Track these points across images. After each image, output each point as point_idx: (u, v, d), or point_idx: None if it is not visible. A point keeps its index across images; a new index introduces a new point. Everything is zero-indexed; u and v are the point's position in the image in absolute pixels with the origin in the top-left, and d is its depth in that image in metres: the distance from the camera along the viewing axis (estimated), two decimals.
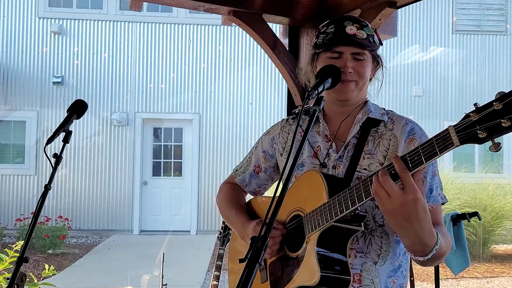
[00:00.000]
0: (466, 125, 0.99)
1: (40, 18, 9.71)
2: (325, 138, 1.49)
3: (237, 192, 1.72)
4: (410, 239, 1.17)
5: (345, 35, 1.39)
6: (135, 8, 2.80)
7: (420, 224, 1.13)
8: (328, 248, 1.29)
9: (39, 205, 1.52)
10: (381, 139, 1.43)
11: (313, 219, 1.30)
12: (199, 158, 9.75)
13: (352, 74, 1.41)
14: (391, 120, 1.46)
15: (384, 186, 1.11)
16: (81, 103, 1.71)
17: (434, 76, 10.24)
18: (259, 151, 1.67)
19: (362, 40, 1.39)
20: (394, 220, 1.14)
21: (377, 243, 1.39)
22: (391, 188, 1.11)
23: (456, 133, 1.00)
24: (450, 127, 1.01)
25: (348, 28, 1.40)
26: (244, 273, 0.98)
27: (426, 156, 1.07)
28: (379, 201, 1.14)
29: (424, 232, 1.15)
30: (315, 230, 1.29)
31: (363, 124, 1.45)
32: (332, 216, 1.25)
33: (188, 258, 7.48)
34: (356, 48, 1.40)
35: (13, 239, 8.44)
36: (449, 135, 1.01)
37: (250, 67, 9.93)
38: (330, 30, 1.42)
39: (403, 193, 1.10)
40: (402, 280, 1.46)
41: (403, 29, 10.08)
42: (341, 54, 1.40)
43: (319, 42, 1.44)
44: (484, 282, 6.70)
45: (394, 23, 2.58)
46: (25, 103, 9.60)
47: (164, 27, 9.86)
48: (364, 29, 1.41)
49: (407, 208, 1.11)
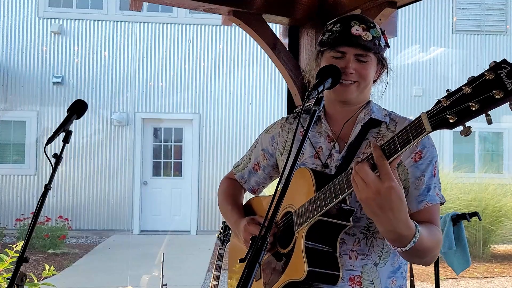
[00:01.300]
0: (437, 110, 1.00)
1: (40, 18, 9.71)
2: (327, 139, 1.48)
3: (235, 189, 1.74)
4: (385, 228, 1.15)
5: (349, 35, 1.37)
6: (135, 8, 2.80)
7: (393, 213, 1.11)
8: (316, 243, 1.29)
9: (39, 205, 1.52)
10: (382, 140, 1.42)
11: (301, 214, 1.31)
12: (199, 158, 9.75)
13: (353, 75, 1.39)
14: (394, 121, 1.46)
15: (360, 173, 1.11)
16: (81, 103, 1.71)
17: (434, 76, 10.24)
18: (259, 149, 1.67)
19: (366, 42, 1.37)
20: (369, 208, 1.13)
21: (379, 245, 1.38)
22: (367, 176, 1.10)
23: (428, 119, 1.01)
24: (423, 114, 1.03)
25: (354, 28, 1.38)
26: (244, 273, 0.98)
27: (401, 144, 1.07)
28: (355, 188, 1.13)
29: (398, 222, 1.13)
30: (303, 225, 1.29)
31: (364, 124, 1.44)
32: (318, 210, 1.25)
33: (188, 258, 7.48)
34: (359, 49, 1.38)
35: (13, 239, 8.44)
36: (421, 122, 1.03)
37: (250, 67, 9.93)
38: (336, 28, 1.40)
39: (379, 181, 1.09)
40: (402, 281, 1.45)
41: (403, 29, 10.08)
42: (344, 54, 1.39)
43: (324, 40, 1.43)
44: (484, 282, 6.70)
45: (394, 23, 2.58)
46: (25, 103, 9.60)
47: (164, 27, 9.86)
48: (370, 30, 1.39)
49: (381, 196, 1.10)
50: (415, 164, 1.36)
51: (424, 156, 1.37)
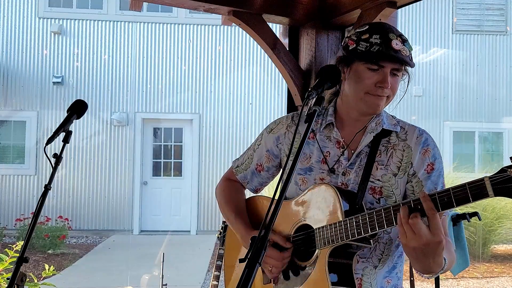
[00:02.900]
0: (502, 179, 1.04)
1: (40, 18, 9.71)
2: (337, 144, 1.47)
3: (237, 193, 1.70)
4: (421, 267, 1.23)
5: (391, 50, 1.35)
6: (135, 8, 2.80)
7: (434, 259, 1.18)
8: (337, 262, 1.34)
9: (39, 205, 1.52)
10: (393, 150, 1.43)
11: (327, 234, 1.32)
12: (199, 158, 9.75)
13: (388, 90, 1.39)
14: (404, 129, 1.47)
15: (413, 227, 1.14)
16: (81, 103, 1.71)
17: (434, 76, 10.24)
18: (262, 149, 1.63)
19: (406, 57, 1.36)
20: (413, 253, 1.19)
21: (381, 249, 1.42)
22: (420, 229, 1.13)
23: (492, 186, 1.05)
24: (486, 178, 1.06)
25: (394, 42, 1.35)
26: (244, 273, 0.98)
27: (458, 201, 1.10)
28: (403, 235, 1.16)
29: (435, 264, 1.20)
30: (328, 245, 1.32)
31: (376, 135, 1.44)
32: (348, 236, 1.28)
33: (188, 258, 7.48)
34: (398, 64, 1.37)
35: (13, 239, 8.44)
36: (484, 186, 1.06)
37: (250, 67, 9.93)
38: (375, 40, 1.35)
39: (430, 235, 1.14)
40: (396, 281, 1.48)
41: (403, 29, 10.07)
42: (381, 67, 1.37)
43: (360, 50, 1.37)
44: (484, 282, 6.70)
45: (394, 23, 2.57)
46: (25, 103, 9.60)
47: (164, 27, 9.86)
48: (405, 44, 1.38)
49: (429, 248, 1.15)
50: (428, 175, 1.41)
51: (436, 168, 1.42)
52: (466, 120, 10.19)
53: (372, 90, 1.38)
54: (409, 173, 1.41)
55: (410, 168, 1.41)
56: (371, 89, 1.38)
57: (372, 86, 1.37)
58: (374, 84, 1.37)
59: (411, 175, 1.41)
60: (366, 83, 1.37)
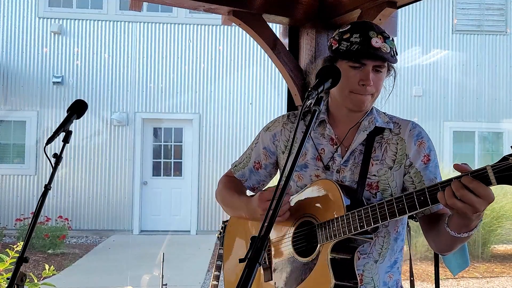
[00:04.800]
0: (504, 167, 1.07)
1: (40, 18, 9.70)
2: (330, 141, 1.51)
3: (238, 184, 1.71)
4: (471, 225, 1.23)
5: (371, 47, 1.39)
6: (135, 8, 2.80)
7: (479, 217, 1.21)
8: (340, 256, 1.34)
9: (39, 205, 1.52)
10: (388, 144, 1.47)
11: (329, 229, 1.34)
12: (199, 158, 9.75)
13: (371, 87, 1.43)
14: (397, 124, 1.50)
15: (475, 191, 1.13)
16: (81, 103, 1.71)
17: (434, 76, 10.24)
18: (260, 147, 1.67)
19: (385, 54, 1.40)
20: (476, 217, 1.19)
21: (380, 243, 1.44)
22: (483, 190, 1.13)
23: (494, 174, 1.09)
24: (488, 167, 1.10)
25: (373, 40, 1.40)
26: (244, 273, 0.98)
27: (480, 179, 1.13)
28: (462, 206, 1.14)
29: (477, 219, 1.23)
30: (330, 240, 1.33)
31: (370, 133, 1.47)
32: (351, 230, 1.29)
33: (188, 258, 7.48)
34: (379, 61, 1.42)
35: (13, 239, 8.44)
36: (487, 174, 1.10)
37: (250, 67, 9.93)
38: (355, 39, 1.40)
39: (491, 191, 1.14)
40: (398, 276, 1.51)
41: (403, 29, 10.07)
42: (363, 65, 1.42)
43: (342, 50, 1.43)
44: (484, 282, 6.70)
45: (394, 23, 2.58)
46: (25, 103, 9.60)
47: (164, 27, 9.86)
48: (387, 41, 1.42)
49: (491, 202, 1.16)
50: (426, 166, 1.43)
51: (432, 159, 1.44)
52: (466, 120, 10.20)
53: (356, 89, 1.43)
54: (405, 165, 1.44)
55: (406, 160, 1.44)
56: (355, 88, 1.43)
57: (356, 84, 1.42)
58: (358, 83, 1.42)
59: (408, 166, 1.44)
60: (350, 81, 1.42)
